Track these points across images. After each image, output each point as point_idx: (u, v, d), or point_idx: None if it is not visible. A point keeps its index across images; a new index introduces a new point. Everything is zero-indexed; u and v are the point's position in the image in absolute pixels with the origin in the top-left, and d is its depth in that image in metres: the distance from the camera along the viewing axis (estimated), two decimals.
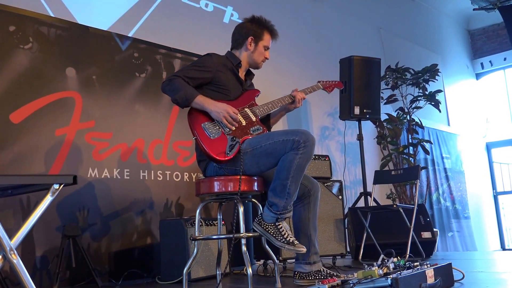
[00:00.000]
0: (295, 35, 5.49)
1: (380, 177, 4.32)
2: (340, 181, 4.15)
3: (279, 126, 2.93)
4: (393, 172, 4.30)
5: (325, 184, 4.00)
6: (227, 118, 2.43)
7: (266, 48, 2.75)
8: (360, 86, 4.80)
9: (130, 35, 3.85)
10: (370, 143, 5.89)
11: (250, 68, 2.84)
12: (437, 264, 2.15)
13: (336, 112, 5.49)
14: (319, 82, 2.96)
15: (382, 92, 5.29)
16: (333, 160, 5.37)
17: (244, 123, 2.52)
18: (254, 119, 2.57)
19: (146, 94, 3.75)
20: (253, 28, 2.73)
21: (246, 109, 2.60)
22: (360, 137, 4.85)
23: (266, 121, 2.82)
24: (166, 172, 3.76)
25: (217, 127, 2.44)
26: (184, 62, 3.99)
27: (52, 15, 3.44)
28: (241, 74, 2.76)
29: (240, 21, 2.88)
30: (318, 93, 2.91)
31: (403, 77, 5.77)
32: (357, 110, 4.76)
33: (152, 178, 3.67)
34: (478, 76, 9.17)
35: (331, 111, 5.71)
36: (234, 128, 2.46)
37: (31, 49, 3.19)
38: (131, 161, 3.56)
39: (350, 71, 4.79)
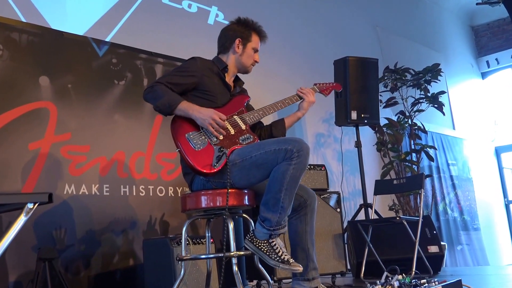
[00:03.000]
0: (285, 35, 5.54)
1: (381, 187, 4.34)
2: (338, 193, 4.18)
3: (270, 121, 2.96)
4: (395, 181, 4.33)
5: (322, 196, 4.03)
6: (213, 125, 2.46)
7: (255, 50, 2.79)
8: (357, 89, 4.84)
9: (107, 39, 3.87)
10: (369, 150, 5.93)
11: (239, 74, 2.88)
12: (446, 281, 2.15)
13: (331, 117, 5.52)
14: (315, 84, 3.00)
15: (380, 95, 5.33)
16: (329, 169, 5.39)
17: (232, 132, 2.55)
18: (243, 127, 2.60)
19: (126, 103, 3.77)
20: (240, 30, 2.77)
21: (235, 116, 2.62)
22: (358, 144, 4.88)
23: (257, 129, 2.86)
24: (149, 186, 3.77)
25: (203, 137, 2.46)
26: (167, 68, 4.02)
27: (23, 20, 3.46)
28: (229, 79, 2.79)
29: (226, 22, 2.93)
30: (317, 101, 2.94)
31: (403, 78, 5.82)
32: (354, 115, 4.79)
33: (134, 194, 3.67)
34: (484, 75, 9.26)
35: (326, 116, 5.75)
36: (221, 137, 2.49)
37: (1, 57, 3.20)
38: (111, 175, 3.57)
39: (346, 73, 4.82)
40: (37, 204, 1.74)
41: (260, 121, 2.91)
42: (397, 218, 3.69)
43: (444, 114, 5.96)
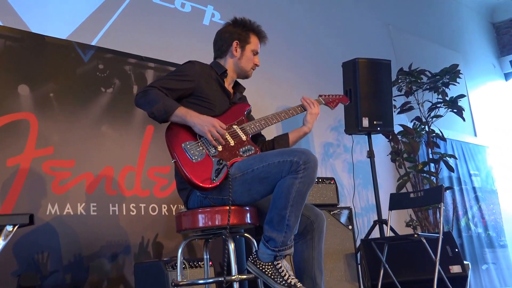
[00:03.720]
0: (288, 36, 5.55)
1: (397, 201, 4.33)
2: (349, 208, 4.16)
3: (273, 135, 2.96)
4: (412, 195, 4.32)
5: (332, 213, 4.01)
6: (212, 133, 2.45)
7: (255, 52, 2.80)
8: (368, 93, 4.84)
9: (93, 43, 3.88)
10: (383, 160, 5.92)
11: (238, 80, 2.88)
12: None
13: (341, 125, 5.52)
14: (320, 96, 3.01)
15: (394, 100, 5.33)
16: (339, 183, 5.38)
17: (232, 143, 2.54)
18: (244, 138, 2.59)
19: (115, 113, 3.77)
20: (237, 31, 2.79)
21: (234, 126, 2.63)
22: (370, 154, 4.88)
23: (258, 142, 2.85)
24: (140, 204, 3.76)
25: (201, 148, 2.46)
26: (158, 73, 4.03)
27: (0, 23, 3.47)
28: (228, 85, 2.80)
29: (223, 22, 2.94)
30: (323, 107, 2.95)
31: (419, 81, 5.82)
32: (365, 122, 4.79)
33: (124, 213, 3.66)
34: (507, 76, 9.27)
35: (335, 124, 5.75)
36: (220, 148, 2.48)
37: None
38: (99, 193, 3.56)
39: (355, 76, 4.83)
40: (16, 227, 1.72)
41: (261, 134, 2.91)
42: (415, 235, 3.68)
43: (464, 120, 5.95)
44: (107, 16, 4.09)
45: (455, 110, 5.80)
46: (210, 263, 2.80)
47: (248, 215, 2.49)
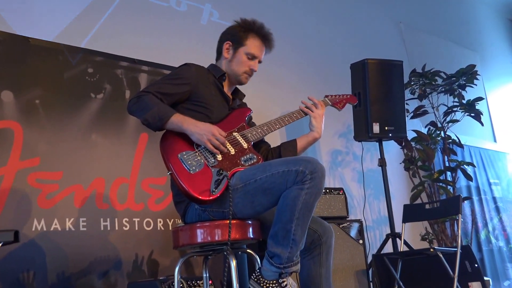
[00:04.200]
0: (292, 36, 5.56)
1: (411, 213, 4.32)
2: (359, 221, 4.15)
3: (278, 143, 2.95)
4: (427, 206, 4.31)
5: (341, 226, 4.00)
6: (212, 141, 2.45)
7: (250, 56, 2.79)
8: (379, 97, 4.85)
9: (82, 46, 3.88)
10: (396, 169, 5.92)
11: (238, 86, 2.90)
12: None
13: (349, 131, 5.53)
14: (326, 97, 3.00)
15: (407, 104, 5.34)
16: (349, 193, 5.37)
17: (232, 151, 2.54)
18: (245, 145, 2.59)
19: (106, 120, 3.77)
20: (233, 32, 2.81)
21: (234, 133, 2.63)
22: (382, 163, 4.88)
23: (263, 150, 2.85)
24: (134, 219, 3.76)
25: (199, 158, 2.45)
26: (152, 77, 4.04)
27: None
28: (227, 90, 2.81)
29: (221, 21, 2.95)
30: (326, 109, 2.94)
31: (433, 83, 5.82)
32: (376, 128, 4.79)
33: (117, 228, 3.66)
34: None
35: (343, 130, 5.75)
36: (220, 157, 2.48)
37: None
38: (89, 207, 3.56)
39: (365, 79, 4.84)
40: (0, 244, 1.72)
41: (265, 141, 2.91)
42: (431, 250, 3.68)
43: (482, 125, 5.94)
44: (96, 16, 4.09)
45: (472, 114, 5.79)
46: (210, 282, 2.79)
47: (250, 229, 2.48)
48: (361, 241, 4.07)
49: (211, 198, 2.36)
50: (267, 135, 2.74)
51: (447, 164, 5.77)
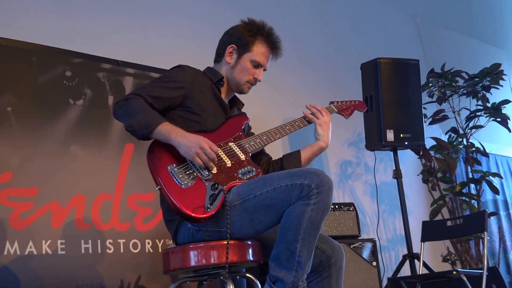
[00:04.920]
0: (296, 35, 5.56)
1: (431, 231, 4.32)
2: (373, 240, 4.15)
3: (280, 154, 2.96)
4: (449, 223, 4.30)
5: (352, 246, 4.00)
6: (200, 156, 2.44)
7: (256, 64, 2.81)
8: (393, 100, 4.86)
9: (59, 46, 3.85)
10: (413, 181, 5.93)
11: (237, 95, 2.92)
12: None
13: (360, 139, 5.53)
14: (331, 103, 3.03)
15: (424, 108, 5.34)
16: (360, 209, 5.37)
17: (229, 163, 2.55)
18: (243, 157, 2.60)
19: (86, 129, 3.77)
20: (239, 34, 2.82)
21: (231, 143, 2.64)
22: (397, 174, 4.88)
23: (263, 163, 2.86)
24: (119, 240, 3.75)
25: (191, 170, 2.46)
26: (139, 81, 4.05)
27: None
28: (224, 97, 2.83)
29: (218, 19, 2.96)
30: (333, 116, 2.96)
31: (454, 84, 5.82)
32: (390, 136, 4.79)
33: (100, 251, 3.65)
34: None
35: (353, 138, 5.77)
36: (215, 170, 2.48)
37: None
38: (68, 227, 3.54)
39: (377, 80, 4.84)
40: None
41: (266, 153, 2.91)
42: (454, 272, 3.67)
43: (510, 131, 5.93)
44: (74, 12, 4.09)
45: (498, 119, 5.79)
46: None
47: (250, 250, 2.49)
48: (374, 263, 4.07)
49: (205, 215, 2.35)
50: (267, 145, 2.75)
51: (470, 176, 5.77)
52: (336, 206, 4.14)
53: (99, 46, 4.03)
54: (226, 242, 2.37)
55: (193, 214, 2.35)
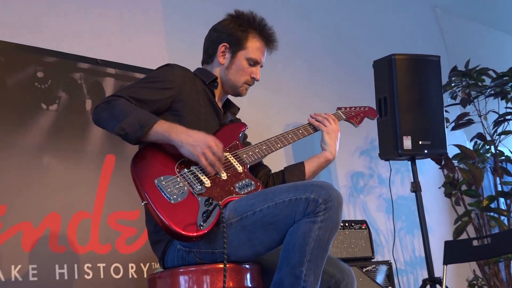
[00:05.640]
0: (300, 30, 5.58)
1: (455, 252, 4.31)
2: (388, 263, 4.16)
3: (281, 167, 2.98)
4: (475, 242, 4.29)
5: (365, 269, 4.01)
6: (207, 156, 2.43)
7: (252, 62, 2.84)
8: (410, 102, 4.86)
9: (29, 44, 3.85)
10: (434, 195, 5.93)
11: (229, 97, 2.95)
12: None
13: (373, 147, 5.55)
14: (339, 109, 3.07)
15: (446, 111, 5.36)
16: (374, 227, 5.37)
17: (224, 176, 2.56)
18: (240, 169, 2.62)
19: (60, 138, 3.78)
20: (229, 31, 2.84)
21: (226, 154, 2.65)
22: (416, 187, 4.88)
23: (261, 176, 2.89)
24: (98, 264, 3.75)
25: (181, 184, 2.45)
26: (121, 82, 4.05)
27: None
28: (218, 100, 2.85)
29: (210, 14, 2.96)
30: (341, 123, 2.99)
31: (480, 84, 5.80)
32: (407, 143, 4.79)
33: (77, 277, 3.65)
34: None
35: (365, 146, 5.78)
36: (209, 183, 2.47)
37: None
38: (40, 250, 3.54)
39: (392, 79, 4.85)
40: None
41: (264, 165, 2.94)
42: None
43: None
44: (47, 5, 4.07)
45: None
46: None
47: (248, 275, 2.50)
48: None
49: (197, 234, 2.34)
50: (267, 156, 2.77)
51: (499, 188, 5.76)
52: (346, 224, 4.14)
53: (75, 43, 4.03)
54: (221, 266, 2.38)
55: (183, 232, 2.33)
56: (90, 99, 3.96)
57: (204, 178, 2.50)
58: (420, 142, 4.83)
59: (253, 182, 2.59)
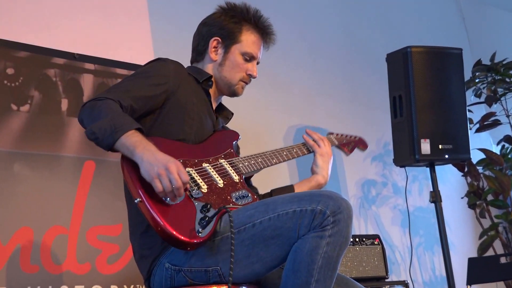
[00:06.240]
0: (307, 21, 5.58)
1: (480, 271, 4.31)
2: (404, 283, 4.16)
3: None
4: (503, 260, 4.30)
5: None
6: (163, 178, 2.29)
7: (248, 57, 2.87)
8: (428, 101, 4.86)
9: None
10: (456, 206, 5.94)
11: (222, 102, 2.97)
12: None
13: (387, 152, 5.57)
14: (331, 134, 3.19)
15: (470, 111, 5.34)
16: (388, 243, 5.37)
17: (221, 183, 2.57)
18: (236, 178, 2.64)
19: (33, 143, 3.78)
20: (222, 23, 2.87)
21: (221, 160, 2.67)
22: (436, 197, 4.85)
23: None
24: (76, 286, 3.74)
25: None
26: (102, 79, 4.06)
27: None
28: (212, 100, 2.88)
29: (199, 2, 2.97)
30: (352, 123, 3.01)
31: (507, 79, 5.81)
32: (426, 147, 4.78)
33: None
34: None
35: (378, 151, 5.78)
36: (206, 188, 2.48)
37: None
38: (10, 270, 3.55)
39: (408, 75, 4.84)
40: None
41: (252, 185, 2.95)
42: None
43: None
44: None
45: None
46: None
47: None
48: None
49: (197, 241, 2.31)
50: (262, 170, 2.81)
51: None
52: (357, 239, 4.15)
53: (49, 36, 4.03)
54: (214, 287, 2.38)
55: (181, 237, 2.29)
56: (66, 99, 3.96)
57: (201, 182, 2.51)
58: (440, 146, 4.82)
59: (249, 194, 2.61)
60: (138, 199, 2.37)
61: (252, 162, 2.74)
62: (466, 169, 5.54)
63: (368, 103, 5.58)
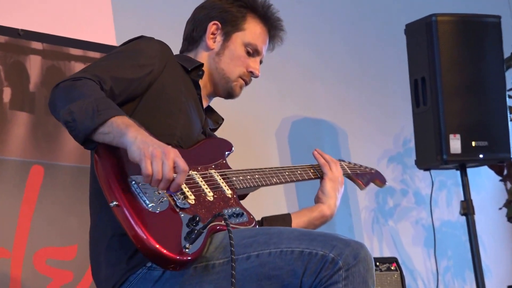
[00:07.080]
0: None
1: None
2: None
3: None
4: None
5: None
6: (156, 160, 2.28)
7: (252, 50, 3.02)
8: (458, 85, 5.04)
9: None
10: (493, 219, 6.03)
11: (213, 101, 3.11)
12: None
13: (408, 151, 5.71)
14: (342, 161, 3.30)
15: (510, 97, 5.46)
16: (408, 268, 5.52)
17: (210, 196, 2.67)
18: (228, 193, 2.75)
19: None
20: (223, 5, 3.01)
21: (212, 170, 2.79)
22: (468, 209, 4.98)
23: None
24: None
25: (161, 191, 2.44)
26: (52, 62, 4.13)
27: None
28: (203, 96, 2.99)
29: None
30: (362, 114, 3.14)
31: None
32: (456, 145, 4.91)
33: None
34: None
35: (396, 149, 5.86)
36: (193, 199, 2.54)
37: None
38: None
39: (433, 52, 4.99)
40: None
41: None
42: None
43: None
44: None
45: None
46: None
47: None
48: None
49: (182, 258, 2.34)
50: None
51: None
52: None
53: None
54: None
55: (165, 251, 2.31)
56: (9, 87, 4.02)
57: (188, 192, 2.56)
58: (473, 144, 4.95)
59: (245, 213, 2.71)
60: (114, 203, 2.38)
61: (248, 177, 2.86)
62: (505, 172, 5.62)
63: (382, 88, 5.67)
